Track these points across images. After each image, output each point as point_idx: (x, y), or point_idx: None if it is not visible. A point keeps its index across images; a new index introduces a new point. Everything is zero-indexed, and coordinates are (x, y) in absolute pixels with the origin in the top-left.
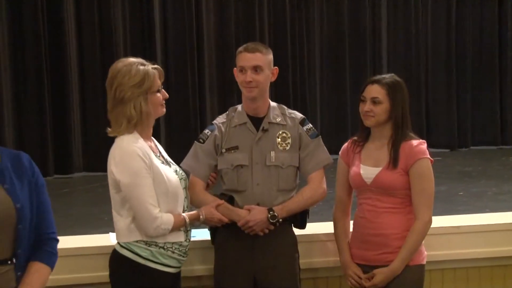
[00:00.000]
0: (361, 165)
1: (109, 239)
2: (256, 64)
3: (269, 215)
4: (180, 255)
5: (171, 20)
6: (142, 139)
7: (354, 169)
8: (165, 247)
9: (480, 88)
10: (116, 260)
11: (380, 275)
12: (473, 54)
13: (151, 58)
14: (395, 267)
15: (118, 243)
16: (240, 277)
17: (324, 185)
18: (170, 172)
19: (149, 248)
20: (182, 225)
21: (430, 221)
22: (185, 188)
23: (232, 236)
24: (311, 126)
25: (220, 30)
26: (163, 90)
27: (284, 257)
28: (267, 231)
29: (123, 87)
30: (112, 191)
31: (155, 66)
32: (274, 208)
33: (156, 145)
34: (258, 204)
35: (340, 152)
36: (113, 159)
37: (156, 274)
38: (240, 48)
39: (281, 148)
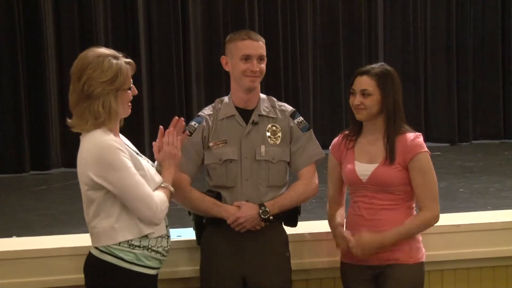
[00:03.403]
0: (355, 161)
1: (88, 240)
2: (262, 53)
3: (260, 211)
4: (162, 255)
5: (155, 6)
6: (112, 134)
7: (348, 166)
8: (149, 246)
9: (481, 78)
10: (96, 266)
11: (367, 237)
12: (475, 41)
13: (133, 47)
14: (386, 236)
15: (97, 248)
16: (228, 278)
17: (316, 181)
18: (145, 162)
19: (133, 251)
20: (170, 195)
21: (438, 216)
22: None
23: (219, 235)
24: (302, 119)
25: (208, 17)
26: (133, 86)
27: (275, 257)
28: (258, 227)
29: (93, 81)
30: (88, 192)
31: (128, 60)
32: (265, 203)
33: (122, 140)
34: (247, 201)
35: (330, 148)
36: (90, 157)
37: (140, 277)
38: (239, 35)
39: (271, 142)
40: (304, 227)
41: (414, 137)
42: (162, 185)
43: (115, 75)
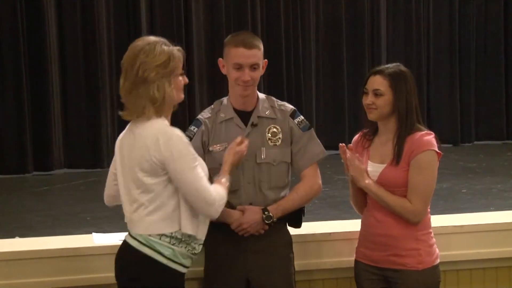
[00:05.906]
0: (368, 161)
1: (92, 240)
2: (255, 62)
3: (264, 216)
4: (194, 254)
5: (158, 8)
6: None
7: None
8: (192, 242)
9: (484, 78)
10: (132, 257)
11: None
12: (477, 42)
13: None
14: (370, 184)
15: (136, 239)
16: (232, 279)
17: (319, 181)
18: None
19: (172, 246)
20: (227, 189)
21: (420, 213)
22: None
23: (223, 236)
24: (303, 118)
25: (210, 18)
26: (184, 74)
27: (278, 258)
28: (262, 231)
29: (147, 66)
30: (145, 178)
31: (179, 47)
32: (268, 208)
33: None
34: (251, 204)
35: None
36: (156, 143)
37: (174, 274)
38: (234, 41)
39: (271, 144)
40: (308, 228)
41: (421, 135)
42: (223, 180)
43: (168, 59)
